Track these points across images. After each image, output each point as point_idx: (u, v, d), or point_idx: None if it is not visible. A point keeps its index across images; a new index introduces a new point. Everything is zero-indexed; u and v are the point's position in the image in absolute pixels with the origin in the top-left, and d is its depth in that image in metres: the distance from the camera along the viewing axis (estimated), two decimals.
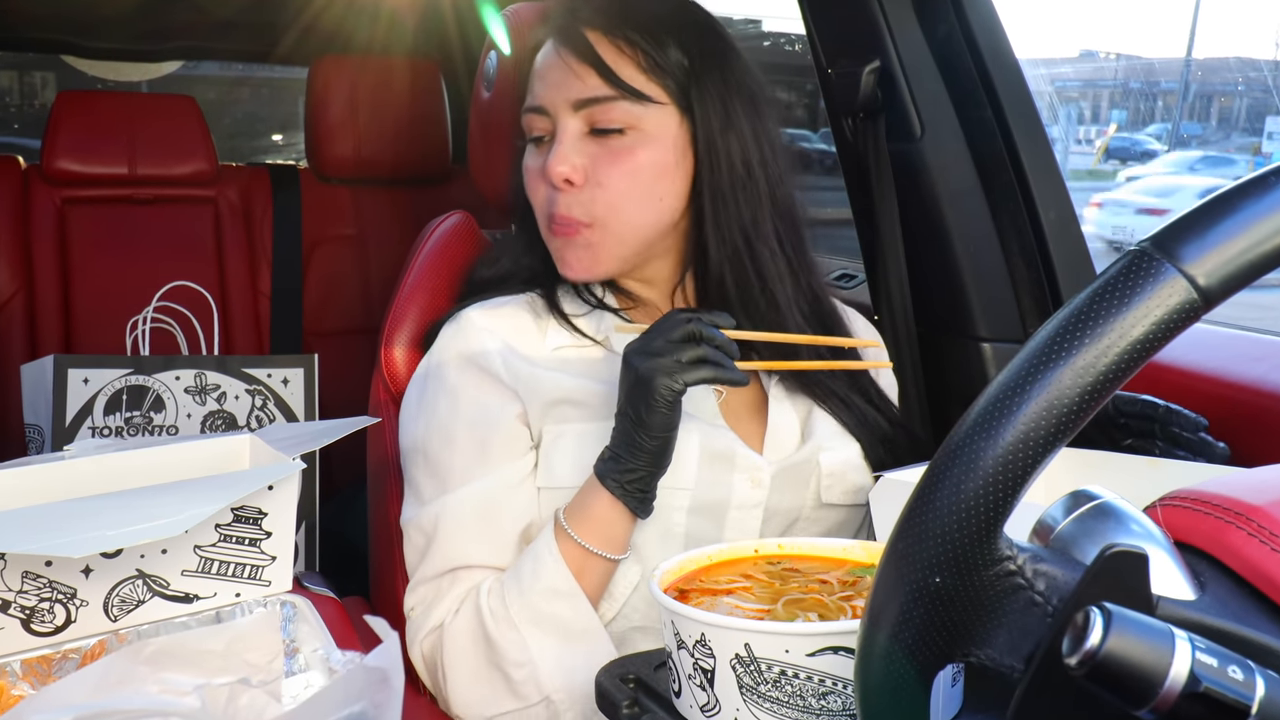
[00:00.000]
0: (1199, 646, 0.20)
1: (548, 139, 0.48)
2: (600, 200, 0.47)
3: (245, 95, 2.18)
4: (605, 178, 0.47)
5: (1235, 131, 3.96)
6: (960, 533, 0.21)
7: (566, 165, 0.46)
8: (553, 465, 0.47)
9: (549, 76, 0.48)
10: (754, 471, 0.48)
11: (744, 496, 0.48)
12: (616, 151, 0.47)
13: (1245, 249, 0.21)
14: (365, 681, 0.32)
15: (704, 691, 0.30)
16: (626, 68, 0.47)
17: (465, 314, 0.51)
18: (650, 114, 0.47)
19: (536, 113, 0.48)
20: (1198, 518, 0.25)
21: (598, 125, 0.47)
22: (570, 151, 0.46)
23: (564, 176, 0.46)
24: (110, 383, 0.77)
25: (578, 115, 0.47)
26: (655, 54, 0.47)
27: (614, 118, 0.47)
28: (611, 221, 0.47)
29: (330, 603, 0.46)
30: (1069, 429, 0.21)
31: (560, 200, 0.47)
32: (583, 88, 0.47)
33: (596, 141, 0.47)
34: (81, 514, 0.40)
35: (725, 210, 0.48)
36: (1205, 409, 0.45)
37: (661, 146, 0.47)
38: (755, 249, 0.49)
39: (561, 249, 0.48)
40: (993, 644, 0.22)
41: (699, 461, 0.47)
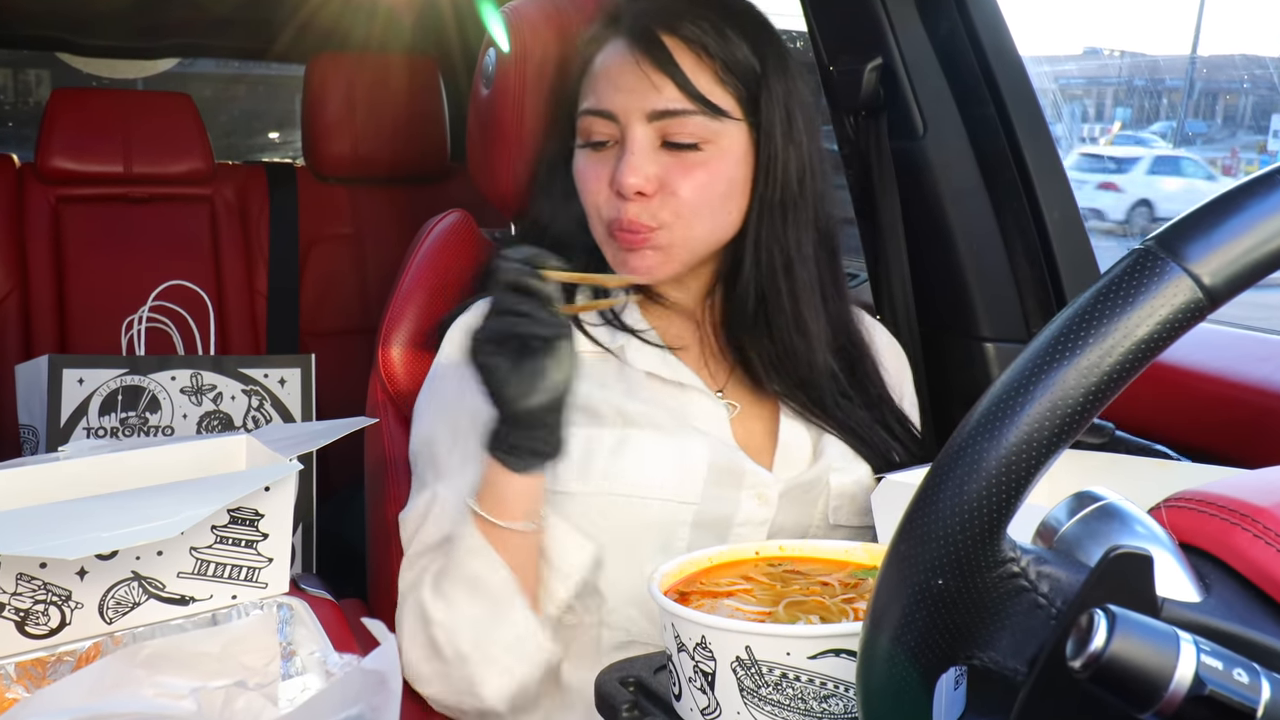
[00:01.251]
0: (1204, 649, 0.20)
1: (611, 144, 0.47)
2: (670, 208, 0.46)
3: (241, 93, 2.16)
4: (677, 188, 0.45)
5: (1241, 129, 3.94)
6: (963, 534, 0.21)
7: (639, 177, 0.45)
8: (556, 469, 0.47)
9: (621, 82, 0.46)
10: (762, 489, 0.47)
11: (750, 513, 0.47)
12: (690, 165, 0.46)
13: (1251, 248, 0.21)
14: (363, 684, 0.31)
15: (704, 694, 0.30)
16: (704, 79, 0.45)
17: (476, 311, 0.51)
18: (725, 129, 0.46)
19: (602, 117, 0.46)
20: (1203, 519, 0.25)
21: (672, 139, 0.45)
22: (643, 162, 0.45)
23: (637, 189, 0.45)
24: (105, 383, 0.77)
25: (651, 125, 0.45)
26: (730, 63, 0.46)
27: (690, 132, 0.45)
28: (679, 229, 0.46)
29: (327, 605, 0.46)
30: (1073, 430, 0.21)
31: (629, 208, 0.46)
32: (660, 99, 0.45)
33: (669, 153, 0.46)
34: (76, 515, 0.40)
35: (770, 226, 0.47)
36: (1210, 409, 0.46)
37: (732, 161, 0.46)
38: (794, 272, 0.48)
39: (626, 257, 0.47)
40: (996, 646, 0.22)
41: (706, 477, 0.46)
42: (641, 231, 0.46)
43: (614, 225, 0.47)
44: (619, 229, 0.47)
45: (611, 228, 0.47)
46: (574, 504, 0.46)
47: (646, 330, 0.50)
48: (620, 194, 0.46)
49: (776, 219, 0.48)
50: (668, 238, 0.47)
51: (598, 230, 0.49)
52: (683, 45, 0.46)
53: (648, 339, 0.50)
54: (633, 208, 0.46)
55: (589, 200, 0.48)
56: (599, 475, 0.46)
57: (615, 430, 0.47)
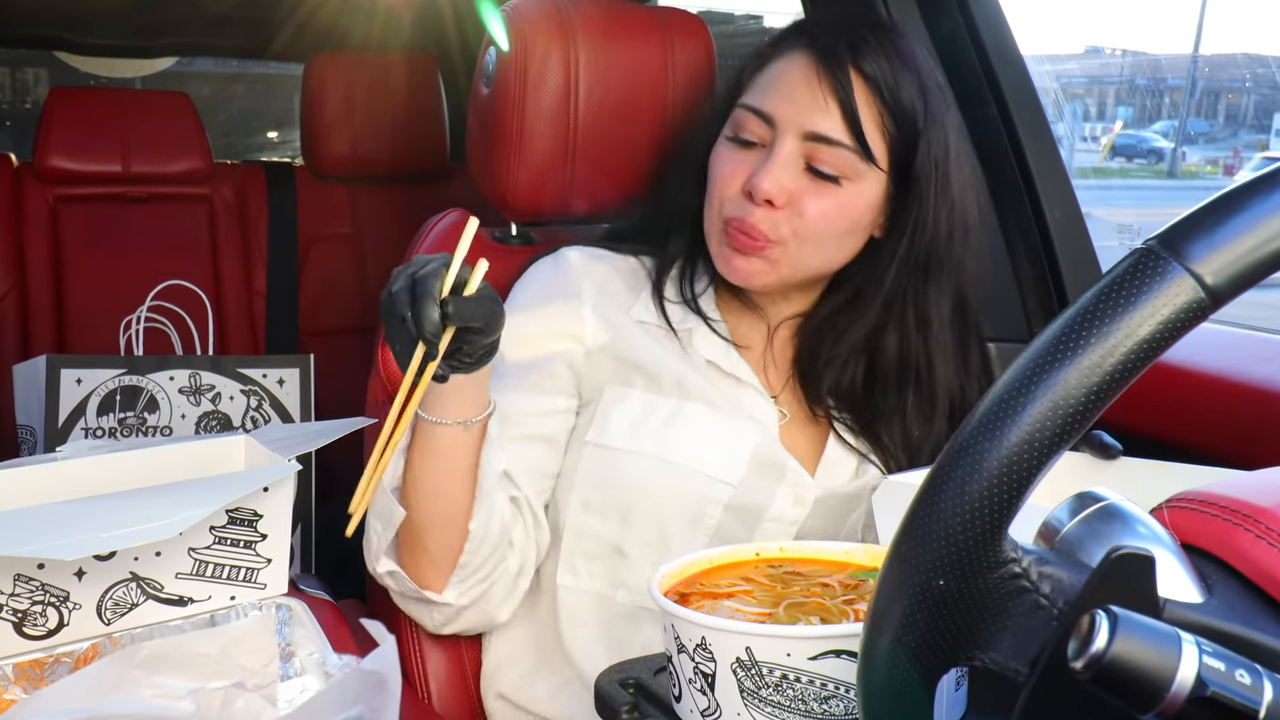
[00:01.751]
0: (1206, 650, 0.19)
1: (758, 146, 0.47)
2: (792, 226, 0.46)
3: (240, 92, 2.16)
4: (804, 211, 0.46)
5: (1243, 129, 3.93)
6: (964, 535, 0.21)
7: (776, 186, 0.45)
8: (609, 423, 0.47)
9: (793, 93, 0.46)
10: (800, 489, 0.48)
11: (782, 510, 0.48)
12: (824, 193, 0.46)
13: (1253, 247, 0.21)
14: (361, 685, 0.31)
15: (705, 696, 0.30)
16: (871, 123, 0.46)
17: (564, 253, 0.51)
18: (868, 173, 0.46)
19: (760, 118, 0.47)
20: (1205, 520, 0.25)
21: (816, 165, 0.46)
22: (782, 174, 0.46)
23: (768, 196, 0.46)
24: (104, 383, 0.77)
25: (803, 143, 0.46)
26: (897, 112, 0.46)
27: (835, 163, 0.46)
28: (793, 248, 0.47)
29: (326, 606, 0.46)
30: (1075, 430, 0.21)
31: (755, 212, 0.46)
32: (823, 123, 0.45)
33: (809, 176, 0.46)
34: (74, 516, 0.40)
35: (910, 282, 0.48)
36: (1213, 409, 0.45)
37: (864, 204, 0.47)
38: (930, 331, 0.48)
39: (732, 256, 0.47)
40: (997, 647, 0.22)
41: (749, 464, 0.47)
42: (759, 239, 0.46)
43: (733, 223, 0.47)
44: (737, 228, 0.47)
45: (730, 225, 0.47)
46: (620, 460, 0.47)
47: (718, 320, 0.51)
48: (750, 196, 0.46)
49: (917, 279, 0.48)
50: (780, 253, 0.47)
51: (714, 223, 0.48)
52: (862, 80, 0.46)
53: (716, 329, 0.50)
54: (759, 213, 0.46)
55: (717, 190, 0.48)
56: (649, 438, 0.47)
57: (672, 400, 0.47)
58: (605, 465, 0.48)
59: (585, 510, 0.48)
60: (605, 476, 0.48)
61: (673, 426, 0.47)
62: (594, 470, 0.48)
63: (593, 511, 0.48)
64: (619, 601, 0.48)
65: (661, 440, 0.47)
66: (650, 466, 0.47)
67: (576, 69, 0.56)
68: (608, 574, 0.48)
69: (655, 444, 0.47)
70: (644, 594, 0.48)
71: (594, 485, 0.48)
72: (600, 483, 0.48)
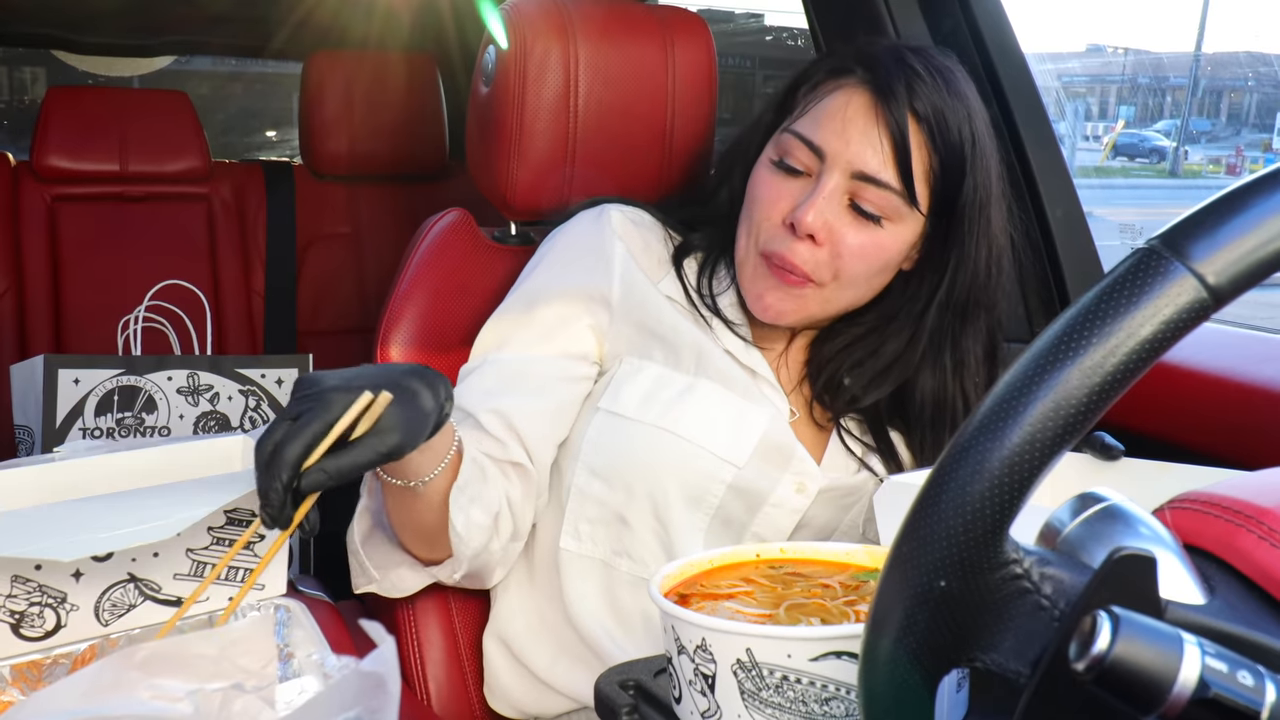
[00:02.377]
0: (1208, 651, 0.19)
1: (802, 176, 0.47)
2: (830, 266, 0.46)
3: (239, 91, 2.16)
4: (844, 249, 0.46)
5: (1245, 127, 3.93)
6: (966, 536, 0.21)
7: (820, 221, 0.45)
8: (621, 393, 0.48)
9: (848, 130, 0.46)
10: (804, 478, 0.48)
11: (784, 496, 0.48)
12: (864, 232, 0.46)
13: (1255, 246, 0.21)
14: (361, 687, 0.31)
15: (705, 697, 0.30)
16: (919, 166, 0.46)
17: (607, 210, 0.51)
18: (909, 216, 0.46)
19: (809, 148, 0.46)
20: (1207, 520, 0.24)
21: (860, 204, 0.46)
22: (827, 208, 0.45)
23: (811, 231, 0.45)
24: (101, 383, 0.77)
25: (849, 180, 0.46)
26: (946, 160, 0.46)
27: (880, 205, 0.46)
28: (829, 286, 0.47)
29: (325, 606, 0.46)
30: (1076, 430, 0.21)
31: (796, 248, 0.46)
32: (875, 165, 0.45)
33: (851, 213, 0.46)
34: (72, 517, 0.40)
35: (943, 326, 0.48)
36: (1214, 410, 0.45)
37: (901, 244, 0.47)
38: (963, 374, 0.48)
39: (766, 290, 0.47)
40: (999, 648, 0.22)
41: (756, 446, 0.47)
42: (798, 275, 0.46)
43: (774, 258, 0.47)
44: (777, 263, 0.47)
45: (770, 258, 0.47)
46: (627, 429, 0.47)
47: (740, 324, 0.51)
48: (792, 229, 0.46)
49: (954, 321, 0.48)
50: (814, 293, 0.47)
51: (749, 251, 0.48)
52: (919, 129, 0.46)
53: (738, 331, 0.51)
54: (800, 249, 0.46)
55: (757, 218, 0.48)
56: (658, 410, 0.47)
57: (688, 376, 0.48)
58: (613, 433, 0.47)
59: (591, 475, 0.48)
60: (612, 444, 0.47)
61: (684, 402, 0.47)
62: (601, 437, 0.48)
63: (598, 477, 0.48)
64: (622, 570, 0.48)
65: (671, 414, 0.47)
66: (656, 438, 0.47)
67: (576, 68, 0.55)
68: (610, 541, 0.48)
69: (664, 417, 0.47)
70: (644, 565, 0.48)
71: (600, 452, 0.48)
72: (606, 450, 0.48)
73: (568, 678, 0.49)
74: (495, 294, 0.56)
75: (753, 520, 0.48)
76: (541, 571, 0.51)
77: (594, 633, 0.48)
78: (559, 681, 0.49)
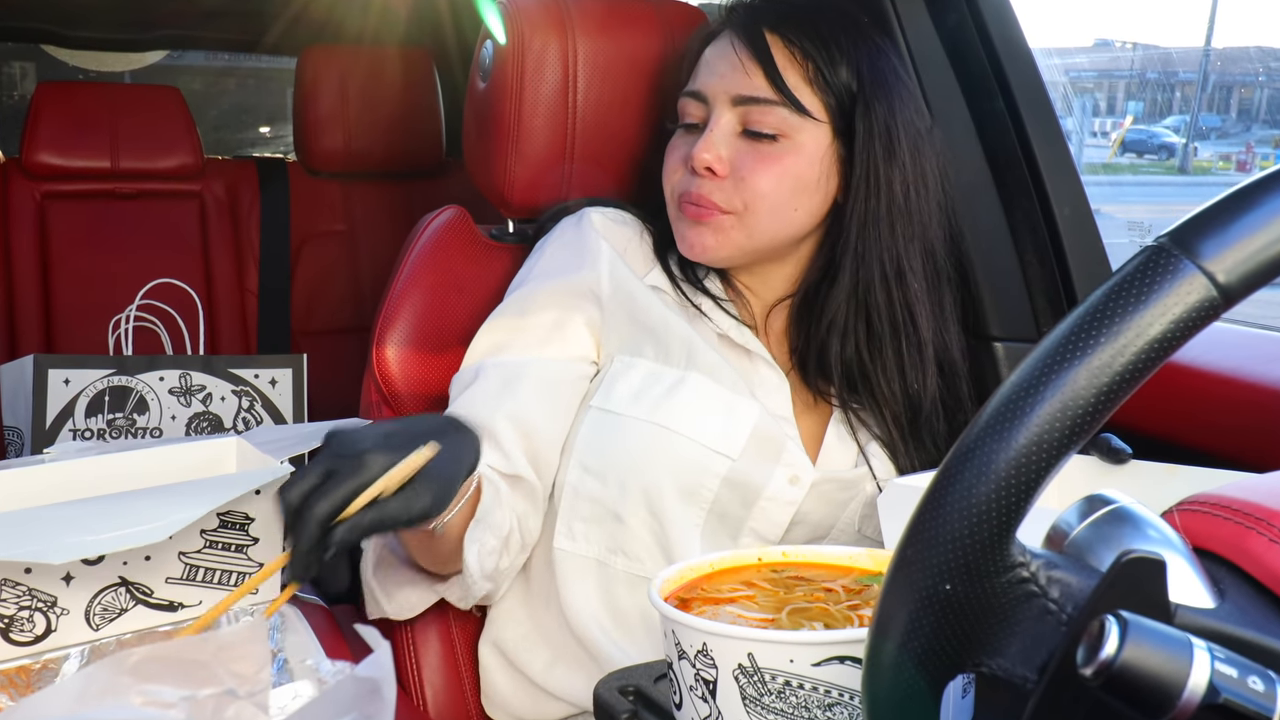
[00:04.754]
0: (1218, 656, 0.19)
1: (700, 126, 0.48)
2: (739, 194, 0.47)
3: (232, 86, 2.14)
4: (748, 175, 0.47)
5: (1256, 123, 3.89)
6: (971, 538, 0.21)
7: (712, 154, 0.47)
8: (614, 390, 0.48)
9: (717, 66, 0.48)
10: (797, 470, 0.48)
11: (779, 490, 0.47)
12: (764, 155, 0.47)
13: (1266, 245, 0.20)
14: (356, 692, 0.31)
15: (706, 703, 0.30)
16: (794, 76, 0.47)
17: (587, 213, 0.52)
18: (805, 127, 0.47)
19: (694, 98, 0.49)
20: (1217, 523, 0.24)
21: (751, 126, 0.47)
22: (718, 142, 0.47)
23: (707, 164, 0.47)
24: (92, 383, 0.76)
25: (734, 110, 0.47)
26: (826, 69, 0.47)
27: (769, 122, 0.47)
28: (745, 215, 0.48)
29: (320, 611, 0.45)
30: (1084, 431, 0.20)
31: (699, 183, 0.47)
32: (747, 84, 0.47)
33: (747, 141, 0.47)
34: (62, 519, 0.39)
35: (877, 238, 0.48)
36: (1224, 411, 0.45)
37: (808, 161, 0.47)
38: (906, 282, 0.48)
39: (687, 230, 0.49)
40: (1005, 653, 0.22)
41: (749, 437, 0.47)
42: (708, 207, 0.47)
43: (684, 198, 0.48)
44: (688, 201, 0.48)
45: (681, 201, 0.49)
46: (618, 425, 0.47)
47: (726, 300, 0.52)
48: (693, 169, 0.48)
49: (883, 230, 0.48)
50: (732, 223, 0.48)
51: (671, 207, 0.50)
52: (780, 43, 0.47)
53: (726, 308, 0.51)
54: (705, 184, 0.47)
55: (668, 178, 0.50)
56: (649, 405, 0.47)
57: (678, 370, 0.48)
58: (605, 429, 0.47)
59: (584, 473, 0.48)
60: (604, 441, 0.47)
61: (675, 395, 0.47)
62: (594, 434, 0.48)
63: (591, 474, 0.48)
64: (618, 568, 0.48)
65: (662, 408, 0.47)
66: (648, 433, 0.47)
67: (575, 63, 0.55)
68: (605, 539, 0.48)
69: (655, 411, 0.47)
70: (640, 563, 0.47)
71: (593, 449, 0.48)
72: (599, 447, 0.48)
73: (565, 682, 0.49)
74: (493, 293, 0.56)
75: (749, 515, 0.47)
76: (536, 575, 0.50)
77: (592, 634, 0.48)
78: (556, 687, 0.49)
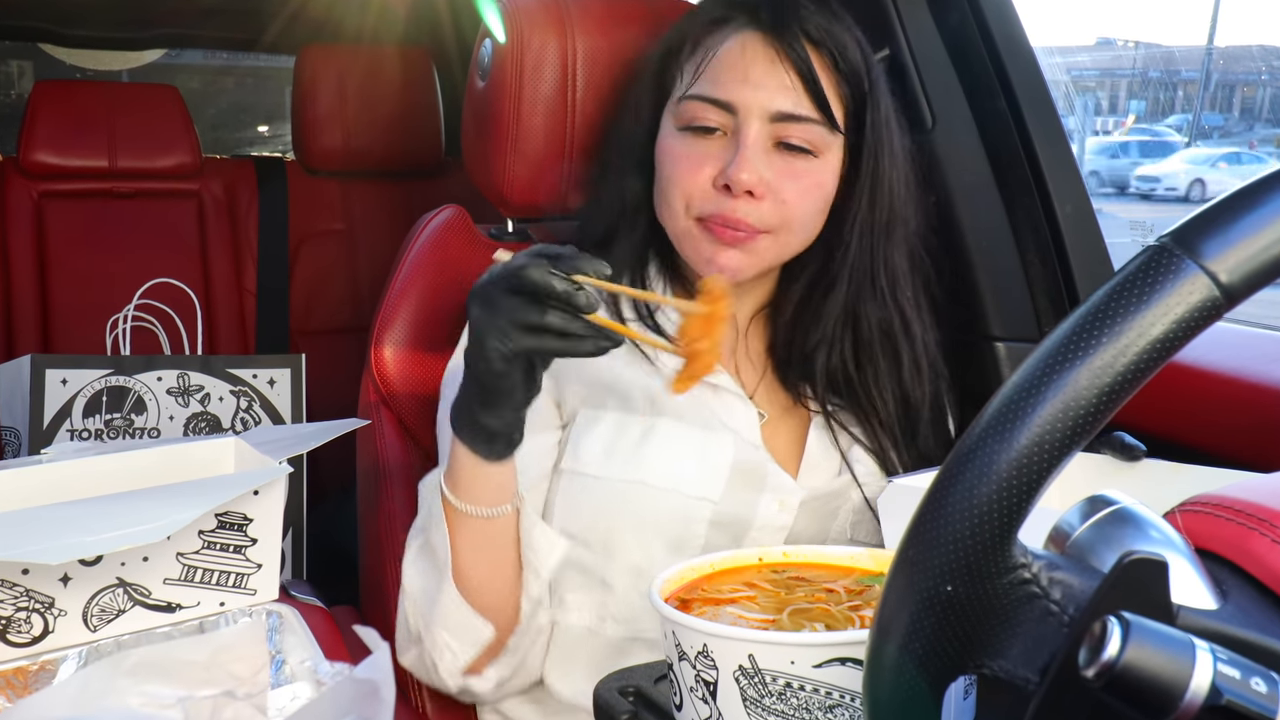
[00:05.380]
0: (1221, 658, 0.19)
1: (718, 134, 0.45)
2: (776, 214, 0.45)
3: (230, 85, 2.14)
4: (787, 194, 0.45)
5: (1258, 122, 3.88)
6: (973, 539, 0.20)
7: (754, 176, 0.44)
8: (580, 450, 0.46)
9: (752, 75, 0.44)
10: (784, 495, 0.47)
11: (769, 518, 0.47)
12: (799, 172, 0.45)
13: (1269, 244, 0.20)
14: (354, 694, 0.31)
15: (706, 705, 0.29)
16: (830, 91, 0.45)
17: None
18: (834, 141, 0.46)
19: (718, 107, 0.45)
20: (1219, 524, 0.24)
21: (788, 140, 0.45)
22: (757, 161, 0.44)
23: (748, 187, 0.44)
24: (90, 384, 0.76)
25: (772, 125, 0.44)
26: (850, 78, 0.45)
27: (808, 138, 0.45)
28: (782, 234, 0.46)
29: (318, 612, 0.45)
30: (1086, 432, 0.20)
31: (736, 206, 0.44)
32: (791, 101, 0.44)
33: (780, 155, 0.45)
34: (59, 520, 0.39)
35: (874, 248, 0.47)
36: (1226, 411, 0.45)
37: (831, 174, 0.46)
38: (899, 288, 0.47)
39: (715, 252, 0.45)
40: (1007, 655, 0.22)
41: (729, 475, 0.46)
42: (744, 230, 0.45)
43: (713, 220, 0.45)
44: (719, 224, 0.45)
45: (709, 221, 0.45)
46: (594, 488, 0.46)
47: None
48: (727, 189, 0.44)
49: (880, 240, 0.47)
50: (767, 244, 0.46)
51: (680, 222, 0.46)
52: (817, 53, 0.45)
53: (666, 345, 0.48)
54: (740, 205, 0.44)
55: (681, 188, 0.46)
56: (622, 461, 0.46)
57: (645, 419, 0.46)
58: (580, 493, 0.46)
59: (569, 540, 0.46)
60: (581, 505, 0.46)
61: (645, 447, 0.45)
62: (570, 500, 0.46)
63: (576, 541, 0.46)
64: (608, 635, 0.46)
65: (633, 462, 0.45)
66: (626, 491, 0.45)
67: (574, 61, 0.54)
68: (595, 607, 0.47)
69: (628, 467, 0.45)
70: (632, 624, 0.46)
71: (571, 514, 0.46)
72: (577, 511, 0.46)
73: (563, 684, 0.48)
74: None
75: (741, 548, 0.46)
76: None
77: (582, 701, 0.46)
78: (556, 690, 0.48)
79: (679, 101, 0.46)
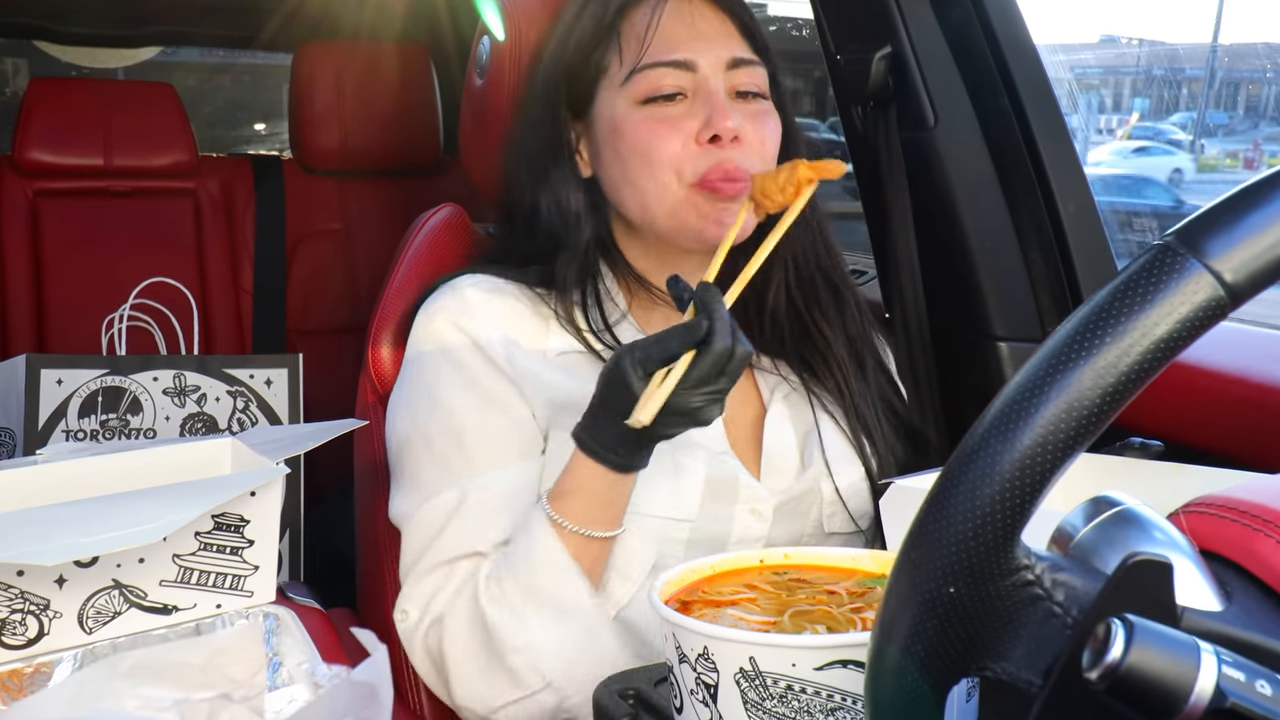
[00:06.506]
0: (1225, 660, 0.19)
1: (680, 98, 0.45)
2: (760, 156, 0.45)
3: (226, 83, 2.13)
4: (761, 135, 0.46)
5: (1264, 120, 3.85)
6: (975, 541, 0.20)
7: (735, 120, 0.44)
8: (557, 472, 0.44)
9: (701, 29, 0.45)
10: (756, 503, 0.46)
11: (745, 529, 0.46)
12: (758, 114, 0.46)
13: (1274, 243, 0.20)
14: (352, 696, 0.30)
15: (707, 708, 0.29)
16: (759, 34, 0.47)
17: (464, 292, 0.47)
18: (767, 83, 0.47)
19: (678, 68, 0.45)
20: (1224, 525, 0.24)
21: (743, 88, 0.46)
22: (731, 109, 0.44)
23: (735, 133, 0.44)
24: (85, 384, 0.75)
25: (728, 74, 0.45)
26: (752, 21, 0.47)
27: (756, 82, 0.46)
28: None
29: (315, 614, 0.44)
30: (1089, 432, 0.20)
31: (731, 155, 0.44)
32: (738, 47, 0.46)
33: (741, 102, 0.46)
34: (55, 521, 0.39)
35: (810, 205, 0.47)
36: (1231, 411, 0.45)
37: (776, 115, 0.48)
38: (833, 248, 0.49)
39: (721, 213, 0.44)
40: (1009, 657, 0.22)
41: (703, 494, 0.45)
42: (742, 179, 0.44)
43: (712, 176, 0.44)
44: (720, 178, 0.44)
45: (708, 180, 0.44)
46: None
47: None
48: (712, 143, 0.44)
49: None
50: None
51: (672, 194, 0.45)
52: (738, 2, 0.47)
53: None
54: (734, 154, 0.44)
55: (664, 158, 0.45)
56: None
57: None
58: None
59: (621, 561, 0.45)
60: None
61: None
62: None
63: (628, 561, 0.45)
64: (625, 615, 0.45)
65: None
66: None
67: None
68: None
69: None
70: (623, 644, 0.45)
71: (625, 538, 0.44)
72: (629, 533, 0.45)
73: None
74: None
75: None
76: None
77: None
78: None
79: (629, 77, 0.45)
